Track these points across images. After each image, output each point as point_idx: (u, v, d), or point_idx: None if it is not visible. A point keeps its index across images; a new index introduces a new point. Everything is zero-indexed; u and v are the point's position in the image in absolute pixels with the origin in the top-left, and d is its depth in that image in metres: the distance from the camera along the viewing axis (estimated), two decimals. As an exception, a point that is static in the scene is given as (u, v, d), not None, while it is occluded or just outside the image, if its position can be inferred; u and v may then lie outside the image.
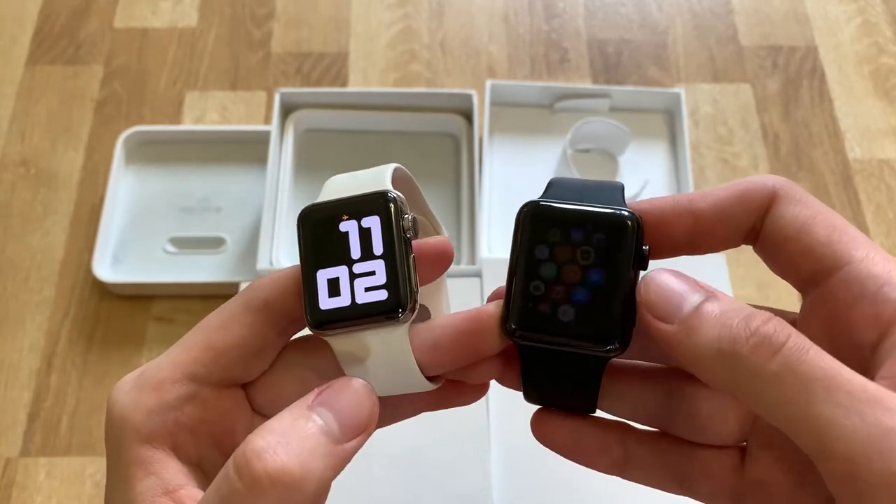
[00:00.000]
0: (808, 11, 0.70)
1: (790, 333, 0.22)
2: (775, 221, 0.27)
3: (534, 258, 0.26)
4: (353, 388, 0.24)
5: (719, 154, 0.63)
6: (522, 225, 0.27)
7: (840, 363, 0.22)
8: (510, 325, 0.26)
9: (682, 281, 0.25)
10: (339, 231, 0.25)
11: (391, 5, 0.70)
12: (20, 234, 0.60)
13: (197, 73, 0.67)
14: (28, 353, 0.55)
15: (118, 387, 0.26)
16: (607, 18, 0.70)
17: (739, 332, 0.23)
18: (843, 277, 0.25)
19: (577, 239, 0.26)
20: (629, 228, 0.26)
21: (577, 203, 0.27)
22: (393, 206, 0.25)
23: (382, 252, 0.25)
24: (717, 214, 0.27)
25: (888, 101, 0.66)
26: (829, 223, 0.25)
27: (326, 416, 0.23)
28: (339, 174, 0.28)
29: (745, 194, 0.27)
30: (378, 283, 0.25)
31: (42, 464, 0.52)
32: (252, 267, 0.55)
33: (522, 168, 0.61)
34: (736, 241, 0.28)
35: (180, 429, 0.25)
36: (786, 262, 0.27)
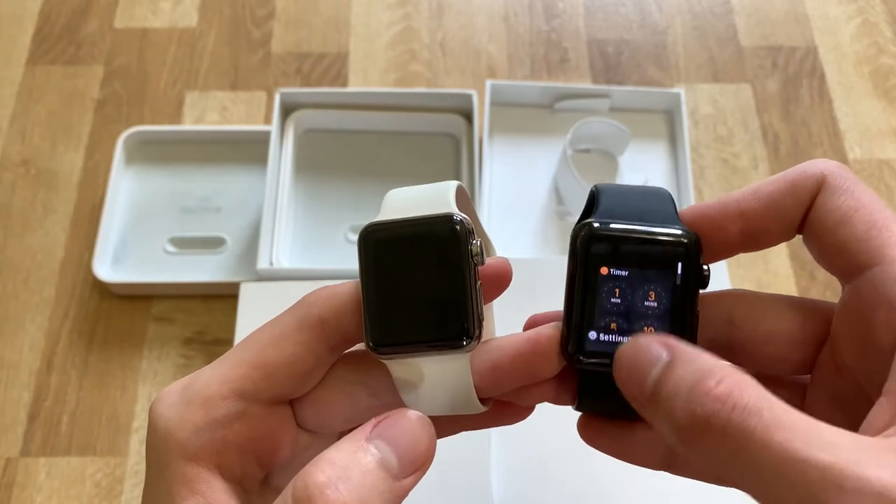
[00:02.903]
0: (807, 11, 0.70)
1: (734, 406, 0.20)
2: (818, 211, 0.25)
3: (595, 284, 0.26)
4: (412, 422, 0.24)
5: (719, 154, 0.63)
6: (581, 248, 0.26)
7: (798, 431, 0.20)
8: (577, 354, 0.26)
9: (643, 349, 0.23)
10: (405, 254, 0.24)
11: (391, 5, 0.70)
12: (20, 234, 0.60)
13: (197, 73, 0.67)
14: (28, 353, 0.55)
15: (163, 398, 0.25)
16: (607, 19, 0.70)
17: (682, 417, 0.21)
18: (872, 277, 0.24)
19: (640, 264, 0.26)
20: (691, 253, 0.25)
21: (635, 223, 0.26)
22: (461, 230, 0.24)
23: (450, 278, 0.24)
24: (768, 211, 0.26)
25: (888, 102, 0.66)
26: (870, 218, 0.24)
27: (385, 449, 0.23)
28: (398, 188, 0.26)
29: (794, 185, 0.26)
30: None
31: (42, 464, 0.52)
32: (252, 267, 0.55)
33: (522, 168, 0.61)
34: (790, 234, 0.27)
35: (227, 447, 0.24)
36: (823, 254, 0.26)
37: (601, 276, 0.26)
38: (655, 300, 0.25)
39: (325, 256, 0.58)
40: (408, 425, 0.24)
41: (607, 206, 0.27)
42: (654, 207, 0.27)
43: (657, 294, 0.25)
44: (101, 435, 0.53)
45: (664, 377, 0.22)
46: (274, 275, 0.54)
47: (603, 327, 0.26)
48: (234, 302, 0.53)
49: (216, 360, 0.26)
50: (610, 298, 0.26)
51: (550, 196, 0.60)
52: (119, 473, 0.51)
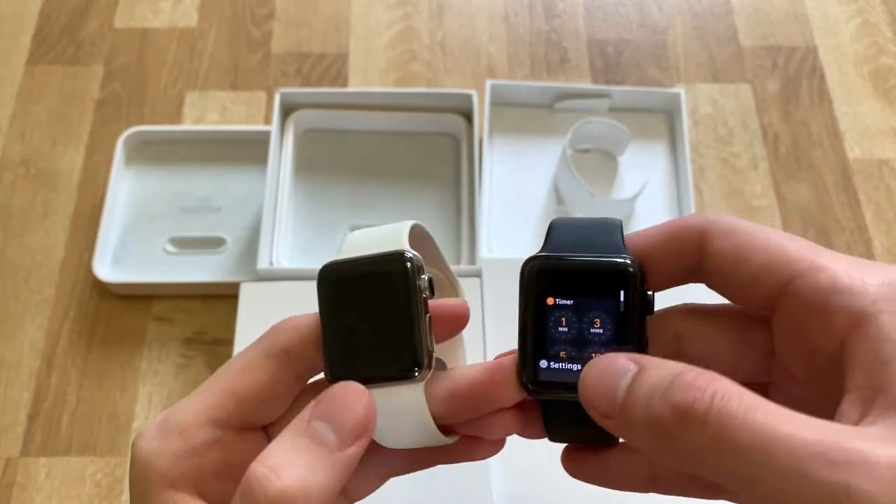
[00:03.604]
0: (807, 12, 0.70)
1: (714, 393, 0.21)
2: (711, 258, 0.26)
3: (543, 315, 0.27)
4: (345, 395, 0.25)
5: (719, 154, 0.63)
6: (527, 280, 0.27)
7: (777, 413, 0.21)
8: (529, 384, 0.27)
9: (611, 364, 0.24)
10: (358, 290, 0.26)
11: (391, 5, 0.70)
12: (20, 234, 0.60)
13: (197, 73, 0.67)
14: (28, 352, 0.55)
15: (142, 434, 0.26)
16: (607, 19, 0.70)
17: (663, 413, 0.21)
18: (792, 295, 0.24)
19: (583, 293, 0.27)
20: (633, 280, 0.26)
21: (579, 254, 0.27)
22: (410, 267, 0.26)
23: (400, 312, 0.25)
24: (653, 255, 0.27)
25: (888, 102, 0.66)
26: (765, 246, 0.25)
27: (321, 427, 0.24)
28: (357, 230, 0.28)
29: (672, 237, 0.27)
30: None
31: (42, 464, 0.52)
32: (252, 267, 0.55)
33: (522, 168, 0.61)
34: (680, 280, 0.28)
35: (205, 473, 0.26)
36: (736, 293, 0.26)
37: (548, 306, 0.27)
38: (601, 327, 0.26)
39: (325, 256, 0.57)
40: (340, 399, 0.25)
41: (556, 239, 0.28)
42: (600, 238, 0.28)
43: (602, 321, 0.26)
44: (101, 435, 0.53)
45: (635, 384, 0.23)
46: (274, 275, 0.54)
47: (553, 356, 0.27)
48: (235, 302, 0.53)
49: (192, 392, 0.27)
50: (558, 327, 0.27)
51: (550, 196, 0.60)
52: (119, 473, 0.51)
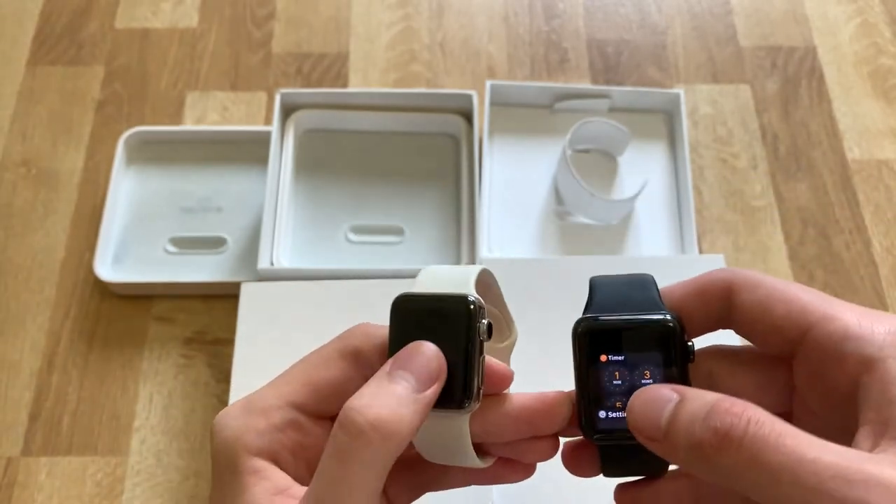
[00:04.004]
0: (807, 12, 0.70)
1: (749, 420, 0.24)
2: (738, 309, 0.30)
3: (598, 371, 0.30)
4: (420, 350, 0.28)
5: (718, 154, 0.64)
6: (581, 341, 0.31)
7: (804, 439, 0.24)
8: (591, 433, 0.30)
9: (654, 395, 0.27)
10: (426, 324, 0.29)
11: (391, 6, 0.70)
12: (21, 234, 0.60)
13: (197, 73, 0.67)
14: (29, 352, 0.55)
15: (227, 413, 0.30)
16: (607, 19, 0.70)
17: (703, 436, 0.25)
18: (810, 342, 0.28)
19: (632, 349, 0.30)
20: (674, 332, 0.30)
21: (625, 313, 0.31)
22: (473, 310, 0.29)
23: (458, 350, 0.29)
24: (686, 308, 0.31)
25: (887, 102, 0.66)
26: (784, 298, 0.29)
27: (402, 374, 0.28)
28: (432, 266, 0.32)
29: (703, 291, 0.31)
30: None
31: (43, 463, 0.52)
32: (253, 267, 0.55)
33: (522, 168, 0.61)
34: (710, 328, 0.31)
35: (283, 447, 0.29)
36: (760, 340, 0.30)
37: (601, 362, 0.30)
38: (651, 377, 0.30)
39: (326, 256, 0.58)
40: (418, 351, 0.28)
41: (599, 300, 0.32)
42: (639, 296, 0.31)
43: (651, 372, 0.30)
44: (102, 434, 0.53)
45: (678, 411, 0.26)
46: (274, 275, 0.54)
47: (610, 406, 0.30)
48: (235, 302, 0.53)
49: (270, 381, 0.31)
50: (612, 381, 0.30)
51: (550, 196, 0.61)
52: (120, 473, 0.51)
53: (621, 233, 0.59)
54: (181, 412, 0.53)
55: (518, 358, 0.50)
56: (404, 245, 0.58)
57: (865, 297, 0.57)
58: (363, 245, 0.58)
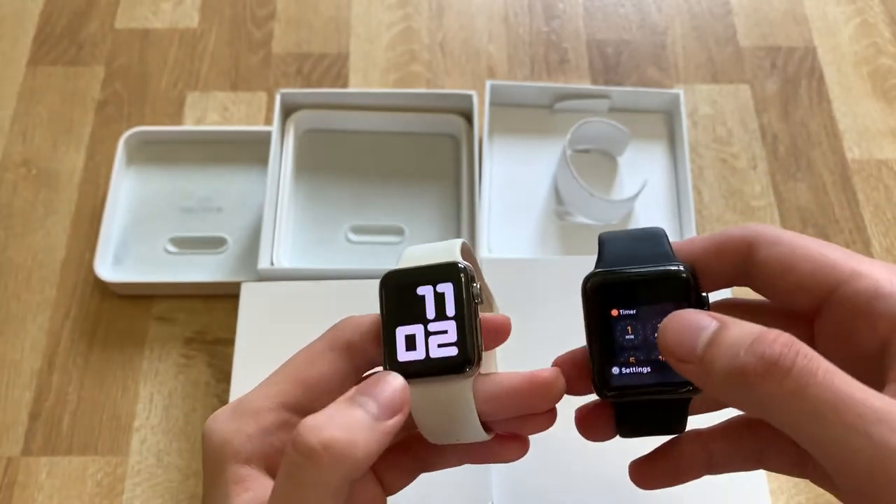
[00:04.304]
0: (806, 12, 0.71)
1: (798, 352, 0.24)
2: (759, 266, 0.29)
3: (609, 326, 0.29)
4: (386, 379, 0.28)
5: (718, 154, 0.64)
6: (591, 296, 0.30)
7: (850, 380, 0.23)
8: (605, 391, 0.29)
9: (693, 318, 0.26)
10: (417, 294, 0.29)
11: (391, 6, 0.70)
12: (21, 234, 0.60)
13: (198, 73, 0.67)
14: (29, 352, 0.55)
15: (216, 417, 0.29)
16: (607, 19, 0.70)
17: (748, 361, 0.24)
18: (837, 300, 0.27)
19: (644, 302, 0.29)
20: (687, 283, 0.29)
21: (636, 266, 0.30)
22: (464, 275, 0.29)
23: (454, 314, 0.28)
24: (702, 262, 0.30)
25: (886, 102, 0.66)
26: (808, 255, 0.28)
27: (364, 399, 0.27)
28: (413, 246, 0.31)
29: (720, 245, 0.29)
30: (450, 340, 0.28)
31: (43, 463, 0.52)
32: (253, 267, 0.55)
33: (522, 168, 0.62)
34: (727, 284, 0.30)
35: (275, 451, 0.28)
36: (783, 299, 0.29)
37: (612, 317, 0.29)
38: None
39: (326, 256, 0.58)
40: (381, 380, 0.28)
41: (608, 254, 0.30)
42: (650, 249, 0.30)
43: None
44: (103, 434, 0.53)
45: (718, 336, 0.25)
46: (275, 275, 0.54)
47: (623, 362, 0.29)
48: (235, 302, 0.53)
49: (260, 382, 0.30)
50: (625, 336, 0.29)
51: (550, 196, 0.61)
52: (120, 473, 0.51)
53: (621, 233, 0.59)
54: (181, 412, 0.53)
55: (518, 357, 0.50)
56: (404, 245, 0.58)
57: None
58: (363, 245, 0.58)
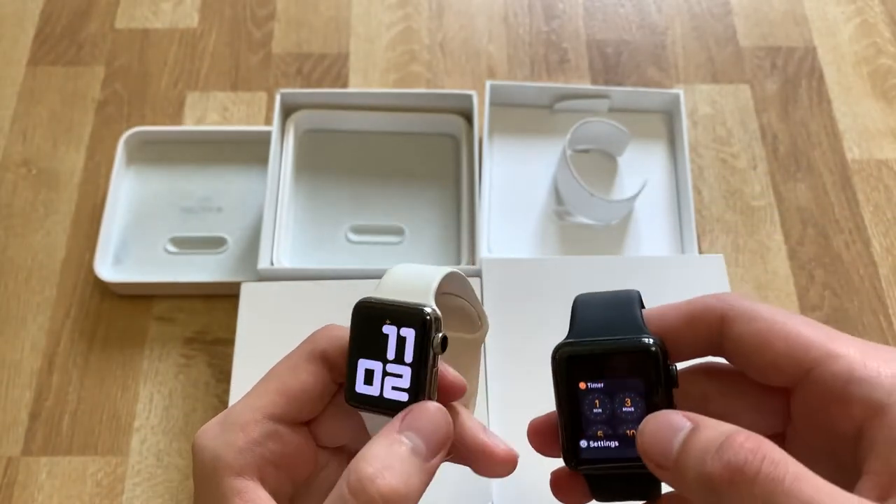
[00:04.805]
0: (806, 12, 0.71)
1: (764, 457, 0.23)
2: (733, 341, 0.28)
3: (577, 399, 0.29)
4: (431, 412, 0.28)
5: (718, 154, 0.64)
6: (559, 368, 0.30)
7: (819, 484, 0.23)
8: (573, 463, 0.30)
9: (666, 421, 0.26)
10: (382, 332, 0.29)
11: (391, 6, 0.70)
12: (22, 234, 0.60)
13: (198, 73, 0.67)
14: (30, 352, 0.55)
15: (205, 432, 0.30)
16: (607, 19, 0.70)
17: (714, 468, 0.24)
18: (812, 381, 0.27)
19: (611, 376, 0.29)
20: (656, 358, 0.28)
21: (604, 337, 0.29)
22: (428, 325, 0.29)
23: (412, 361, 0.29)
24: (673, 333, 0.29)
25: (886, 102, 0.66)
26: (784, 333, 0.27)
27: (414, 438, 0.28)
28: (401, 266, 0.32)
29: (693, 317, 0.29)
30: (403, 386, 0.29)
31: (43, 463, 0.52)
32: (253, 267, 0.55)
33: (522, 168, 0.62)
34: (699, 355, 0.30)
35: (265, 462, 0.29)
36: (758, 375, 0.29)
37: (581, 390, 0.29)
38: (632, 405, 0.29)
39: (326, 256, 0.58)
40: (428, 415, 0.28)
41: (580, 321, 0.30)
42: (621, 317, 0.30)
43: (632, 400, 0.29)
44: (103, 434, 0.53)
45: (690, 440, 0.25)
46: (275, 274, 0.54)
47: (591, 436, 0.29)
48: (235, 302, 0.53)
49: (246, 393, 0.30)
50: (592, 409, 0.29)
51: (550, 196, 0.61)
52: (120, 472, 0.51)
53: (621, 233, 0.59)
54: (181, 412, 0.53)
55: (518, 357, 0.50)
56: (404, 245, 0.58)
57: (865, 296, 0.58)
58: (363, 245, 0.58)
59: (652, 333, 0.29)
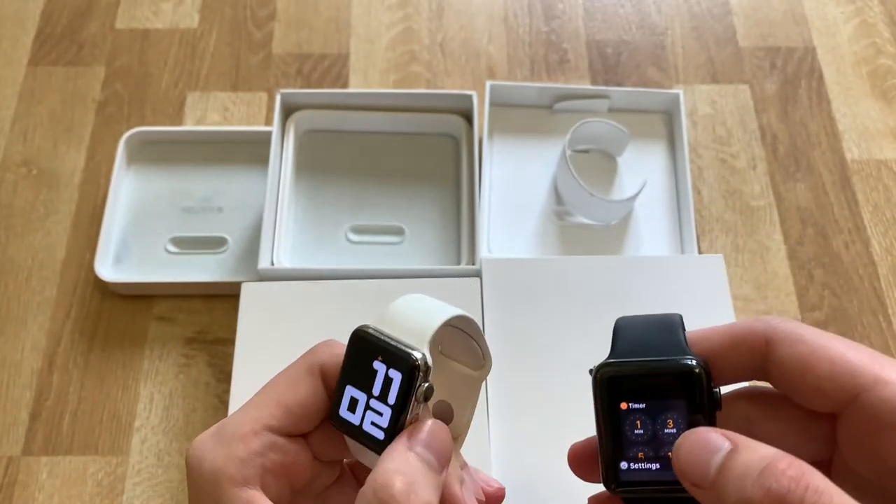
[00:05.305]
0: (806, 12, 0.71)
1: (807, 487, 0.22)
2: (777, 364, 0.28)
3: (618, 419, 0.29)
4: (435, 428, 0.29)
5: (718, 154, 0.64)
6: (601, 388, 0.29)
7: None
8: (613, 485, 0.29)
9: (705, 439, 0.26)
10: (372, 367, 0.30)
11: (391, 6, 0.71)
12: (22, 234, 0.60)
13: (198, 73, 0.67)
14: (30, 352, 0.55)
15: (201, 445, 0.30)
16: (606, 20, 0.70)
17: (755, 495, 0.23)
18: (859, 407, 0.26)
19: (654, 396, 0.28)
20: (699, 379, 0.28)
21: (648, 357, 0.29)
22: (414, 373, 0.29)
23: (394, 404, 0.29)
24: (717, 356, 0.29)
25: (886, 102, 0.66)
26: (829, 356, 0.26)
27: (425, 453, 0.28)
28: (407, 299, 0.32)
29: (737, 341, 0.28)
30: (382, 424, 0.29)
31: (44, 463, 0.52)
32: (253, 267, 0.55)
33: (522, 168, 0.62)
34: (743, 379, 0.29)
35: (266, 472, 0.29)
36: (802, 399, 0.28)
37: (622, 411, 0.29)
38: (674, 427, 0.28)
39: (326, 256, 0.58)
40: (433, 431, 0.29)
41: (622, 343, 0.30)
42: (664, 339, 0.29)
43: (675, 421, 0.28)
44: (103, 434, 0.53)
45: (730, 461, 0.24)
46: (275, 274, 0.54)
47: (632, 457, 0.29)
48: (236, 301, 0.53)
49: (241, 406, 0.31)
50: (633, 430, 0.29)
51: (550, 196, 0.61)
52: (120, 472, 0.52)
53: (621, 233, 0.59)
54: (182, 412, 0.54)
55: (518, 358, 0.50)
56: (404, 245, 0.58)
57: (864, 296, 0.58)
58: (363, 245, 0.58)
59: (695, 355, 0.28)
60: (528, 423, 0.48)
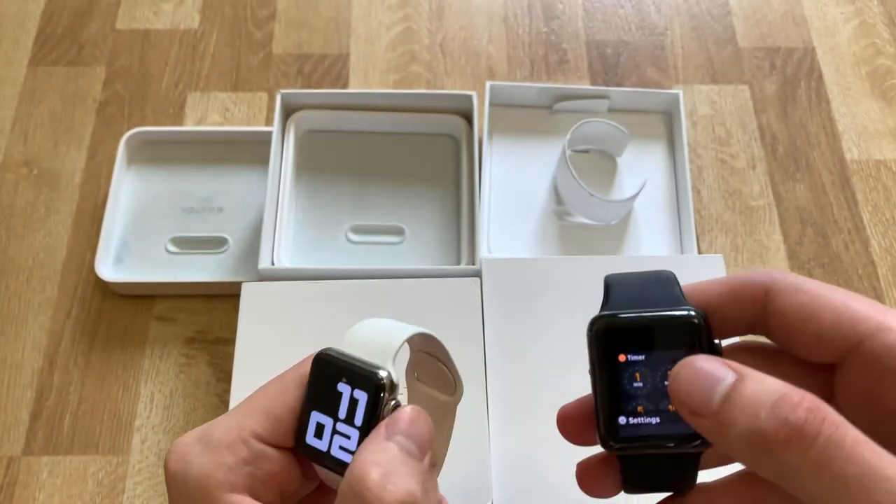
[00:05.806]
0: (805, 13, 0.71)
1: (824, 419, 0.22)
2: (777, 314, 0.27)
3: (616, 372, 0.28)
4: (413, 415, 0.28)
5: (717, 154, 0.64)
6: (597, 340, 0.28)
7: (880, 452, 0.22)
8: (611, 441, 0.28)
9: (708, 367, 0.25)
10: (337, 389, 0.29)
11: (391, 7, 0.71)
12: (22, 234, 0.60)
13: (199, 74, 0.67)
14: (31, 352, 0.56)
15: (184, 449, 0.29)
16: (606, 20, 0.70)
17: (769, 425, 0.22)
18: (862, 355, 0.25)
19: (654, 347, 0.27)
20: (700, 329, 0.27)
21: (645, 310, 0.28)
22: (379, 391, 0.29)
23: (361, 425, 0.29)
24: (715, 308, 0.28)
25: (885, 102, 0.66)
26: (831, 305, 0.26)
27: (403, 441, 0.28)
28: (367, 322, 0.31)
29: (735, 291, 0.28)
30: (350, 448, 0.29)
31: (45, 462, 0.52)
32: (254, 267, 0.55)
33: (522, 168, 0.62)
34: (741, 332, 0.29)
35: (255, 480, 0.29)
36: (802, 350, 0.27)
37: (620, 363, 0.27)
38: None
39: (326, 256, 0.58)
40: (413, 417, 0.28)
41: (616, 297, 0.29)
42: (659, 292, 0.28)
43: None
44: (104, 433, 0.53)
45: (736, 391, 0.24)
46: (275, 274, 0.54)
47: (631, 412, 0.27)
48: (236, 301, 0.53)
49: (230, 410, 0.30)
50: (632, 383, 0.27)
51: (550, 196, 0.61)
52: (121, 472, 0.52)
53: (621, 233, 0.59)
54: (182, 411, 0.54)
55: (518, 357, 0.50)
56: (404, 245, 0.58)
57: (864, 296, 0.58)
58: (363, 245, 0.59)
59: (694, 307, 0.28)
60: (528, 422, 0.48)
